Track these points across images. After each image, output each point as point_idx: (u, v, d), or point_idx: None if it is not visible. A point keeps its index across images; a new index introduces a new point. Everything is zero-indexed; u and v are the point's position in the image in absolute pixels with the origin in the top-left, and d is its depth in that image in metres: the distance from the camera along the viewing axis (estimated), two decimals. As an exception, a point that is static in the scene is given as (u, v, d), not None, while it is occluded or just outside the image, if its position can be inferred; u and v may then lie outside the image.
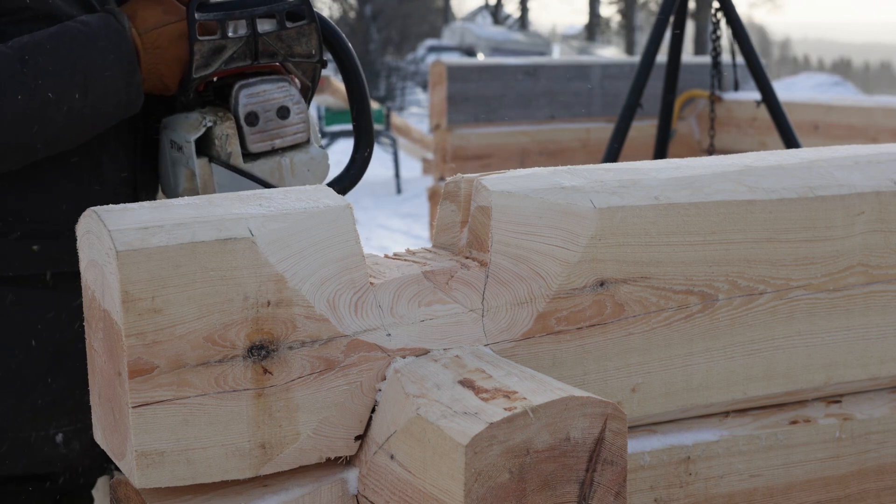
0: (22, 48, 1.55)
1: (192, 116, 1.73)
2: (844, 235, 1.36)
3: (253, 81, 1.73)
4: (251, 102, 1.73)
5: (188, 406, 1.07)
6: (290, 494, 1.13)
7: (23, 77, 1.54)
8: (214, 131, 1.71)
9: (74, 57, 1.57)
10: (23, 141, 1.56)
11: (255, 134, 1.73)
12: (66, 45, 1.57)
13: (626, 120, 4.73)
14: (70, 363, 1.68)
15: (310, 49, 1.74)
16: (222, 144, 1.70)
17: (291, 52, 1.74)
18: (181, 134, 1.72)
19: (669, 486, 1.31)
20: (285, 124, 1.75)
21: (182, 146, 1.72)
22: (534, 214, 1.21)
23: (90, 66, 1.58)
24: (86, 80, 1.58)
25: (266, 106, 1.74)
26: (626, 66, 6.47)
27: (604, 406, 1.05)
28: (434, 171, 6.31)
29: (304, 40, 1.74)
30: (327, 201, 1.15)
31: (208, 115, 1.72)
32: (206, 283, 1.06)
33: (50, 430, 1.68)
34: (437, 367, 1.13)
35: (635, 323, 1.26)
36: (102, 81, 1.59)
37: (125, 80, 1.62)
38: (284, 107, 1.75)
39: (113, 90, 1.61)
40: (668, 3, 4.74)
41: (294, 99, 1.75)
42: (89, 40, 1.59)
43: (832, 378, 1.40)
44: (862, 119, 5.48)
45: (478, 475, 0.99)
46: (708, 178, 1.32)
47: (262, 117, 1.73)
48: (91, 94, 1.59)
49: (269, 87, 1.74)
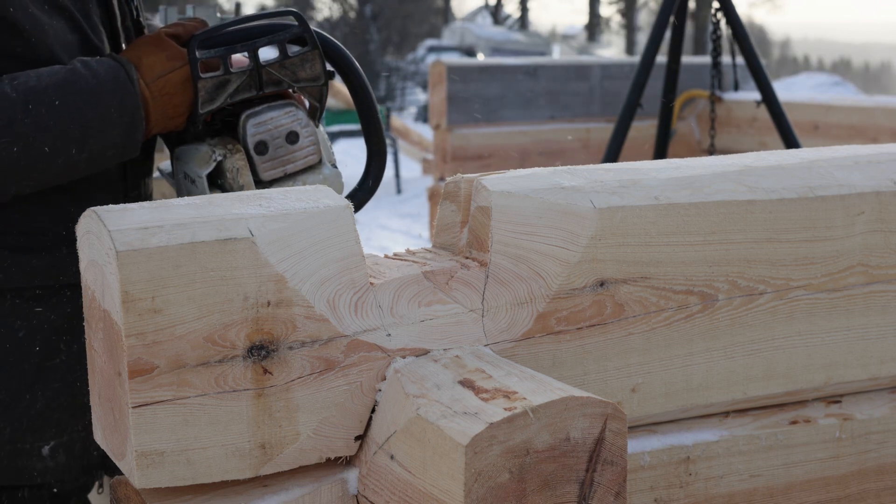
0: (27, 93, 1.54)
1: (202, 150, 1.73)
2: (844, 235, 1.36)
3: (259, 110, 1.74)
4: (259, 132, 1.73)
5: (188, 406, 1.07)
6: (290, 494, 1.13)
7: (23, 127, 1.53)
8: (225, 164, 1.72)
9: (78, 113, 1.57)
10: (8, 188, 1.56)
11: (266, 162, 1.73)
12: (72, 99, 1.57)
13: (626, 120, 4.73)
14: (54, 376, 1.67)
15: (314, 73, 1.75)
16: (234, 178, 1.71)
17: (296, 77, 1.74)
18: (193, 168, 1.73)
19: (669, 487, 1.31)
20: (295, 149, 1.75)
21: (195, 180, 1.73)
22: (534, 214, 1.21)
23: (92, 122, 1.58)
24: (85, 135, 1.57)
25: (274, 133, 1.74)
26: (626, 66, 6.47)
27: (604, 406, 1.05)
28: (434, 171, 6.31)
29: (307, 66, 1.74)
30: (327, 201, 1.15)
31: (217, 149, 1.72)
32: (206, 283, 1.06)
33: (36, 442, 1.68)
34: (437, 368, 1.13)
35: (635, 323, 1.26)
36: (102, 137, 1.59)
37: (124, 137, 1.62)
38: (293, 132, 1.75)
39: (111, 145, 1.61)
40: (668, 3, 4.74)
41: (302, 123, 1.75)
42: (95, 96, 1.59)
43: (832, 378, 1.40)
44: (862, 119, 5.48)
45: (478, 475, 0.99)
46: (708, 178, 1.32)
47: (271, 145, 1.74)
48: (89, 148, 1.59)
49: (276, 113, 1.74)
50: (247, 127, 1.73)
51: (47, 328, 1.67)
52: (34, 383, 1.67)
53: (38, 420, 1.68)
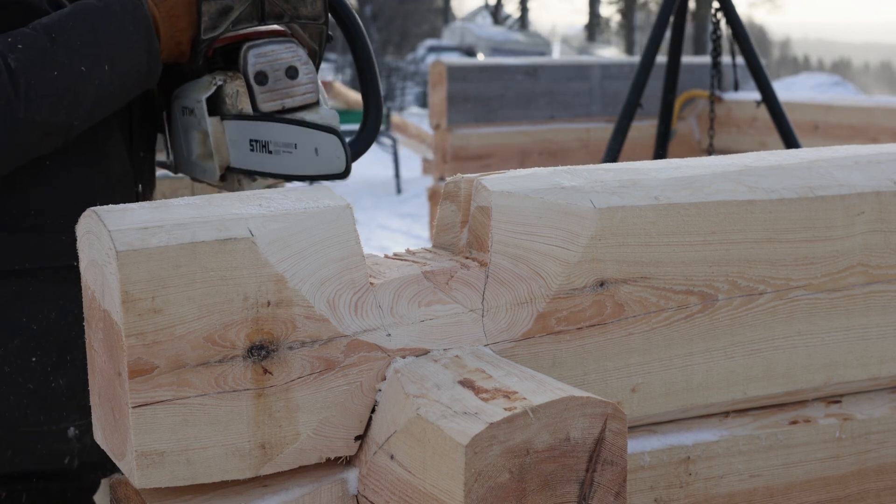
0: (46, 27, 1.58)
1: (202, 80, 1.75)
2: (844, 235, 1.36)
3: (261, 42, 1.75)
4: (260, 62, 1.75)
5: (188, 406, 1.07)
6: (290, 494, 1.13)
7: (55, 54, 1.56)
8: (225, 90, 1.74)
9: (97, 31, 1.60)
10: (60, 118, 1.58)
11: (265, 93, 1.75)
12: (88, 21, 1.60)
13: (626, 120, 4.73)
14: (79, 356, 1.68)
15: (315, 11, 1.76)
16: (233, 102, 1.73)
17: (297, 13, 1.75)
18: (192, 96, 1.75)
19: (669, 487, 1.31)
20: (294, 84, 1.77)
21: (193, 108, 1.75)
22: (534, 214, 1.21)
23: (113, 39, 1.61)
24: (111, 52, 1.61)
25: (275, 65, 1.76)
26: (626, 66, 6.46)
27: (604, 406, 1.05)
28: (434, 171, 6.31)
29: (309, 1, 1.76)
30: (327, 201, 1.15)
31: (218, 76, 1.74)
32: (206, 284, 1.06)
33: (62, 424, 1.69)
34: (437, 368, 1.13)
35: (635, 323, 1.26)
36: (126, 53, 1.62)
37: (145, 50, 1.65)
38: (293, 66, 1.76)
39: (136, 61, 1.64)
40: (668, 3, 4.74)
41: (302, 60, 1.77)
42: (108, 14, 1.62)
43: (832, 378, 1.40)
44: (862, 119, 5.48)
45: (478, 475, 0.99)
46: (708, 178, 1.32)
47: (271, 76, 1.76)
48: (117, 66, 1.62)
49: (277, 47, 1.76)
50: (248, 56, 1.75)
51: (72, 309, 1.68)
52: (59, 365, 1.67)
53: (64, 402, 1.68)
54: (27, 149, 1.58)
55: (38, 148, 1.60)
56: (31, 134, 1.56)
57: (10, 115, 1.52)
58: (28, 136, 1.56)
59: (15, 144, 1.55)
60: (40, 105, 1.54)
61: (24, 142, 1.56)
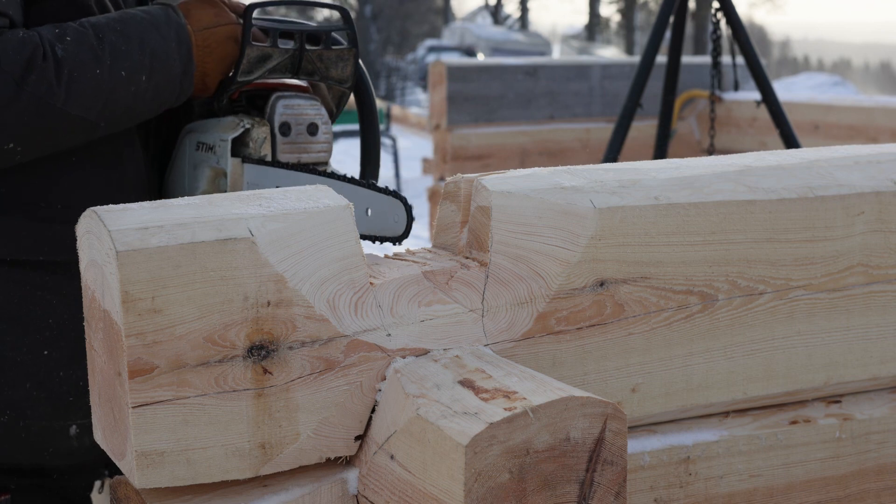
0: (95, 27, 1.60)
1: (228, 119, 1.78)
2: (844, 235, 1.36)
3: (290, 94, 1.81)
4: (286, 113, 1.80)
5: (188, 406, 1.07)
6: (289, 494, 1.13)
7: (100, 53, 1.58)
8: (251, 133, 1.78)
9: (143, 41, 1.63)
10: (92, 116, 1.60)
11: (286, 144, 1.81)
12: (135, 28, 1.63)
13: (626, 120, 4.73)
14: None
15: (344, 75, 1.82)
16: (257, 147, 1.77)
17: (328, 74, 1.81)
18: (215, 134, 1.78)
19: (669, 487, 1.31)
20: (313, 140, 1.83)
21: (215, 145, 1.78)
22: (533, 214, 1.21)
23: (156, 50, 1.64)
24: (152, 62, 1.63)
25: (299, 119, 1.81)
26: (626, 66, 6.47)
27: (604, 406, 1.05)
28: (434, 171, 6.31)
29: (341, 65, 1.81)
30: (327, 201, 1.15)
31: (245, 119, 1.78)
32: (206, 284, 1.06)
33: (66, 421, 1.69)
34: (437, 368, 1.13)
35: (635, 323, 1.26)
36: (165, 67, 1.65)
37: (183, 69, 1.68)
38: (314, 123, 1.82)
39: (172, 76, 1.66)
40: (668, 3, 4.74)
41: (323, 118, 1.83)
42: (154, 26, 1.65)
43: (832, 378, 1.40)
44: (862, 119, 5.48)
45: (478, 475, 0.99)
46: (708, 178, 1.32)
47: (293, 129, 1.81)
48: (155, 78, 1.64)
49: (304, 102, 1.82)
50: (276, 106, 1.79)
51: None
52: (70, 361, 1.68)
53: (72, 399, 1.68)
54: (55, 139, 1.60)
55: (63, 141, 1.62)
56: (63, 125, 1.58)
57: (50, 102, 1.55)
58: (60, 126, 1.58)
59: (47, 131, 1.58)
60: (78, 99, 1.57)
61: (55, 131, 1.58)
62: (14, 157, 1.58)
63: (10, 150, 1.56)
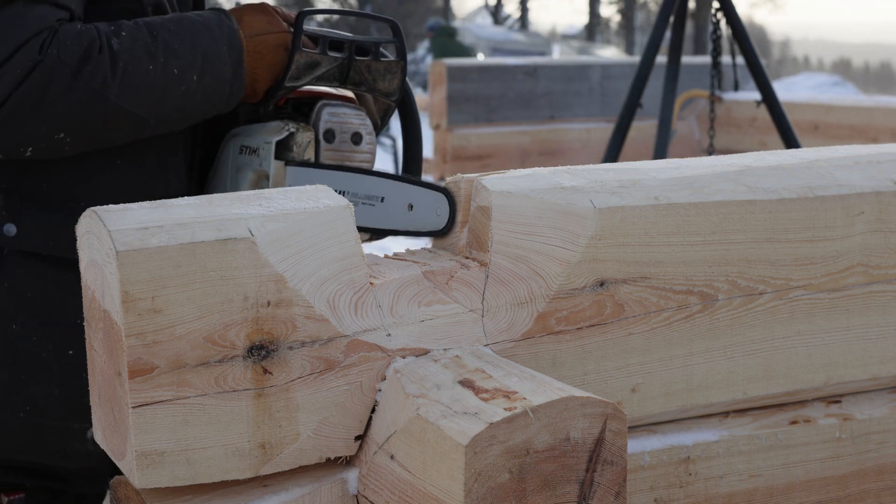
0: (149, 25, 1.62)
1: (272, 124, 1.79)
2: (844, 235, 1.36)
3: (335, 103, 1.82)
4: (331, 120, 1.81)
5: (188, 406, 1.07)
6: (289, 494, 1.13)
7: (154, 49, 1.59)
8: (295, 137, 1.78)
9: (195, 42, 1.64)
10: (141, 112, 1.60)
11: (329, 151, 1.82)
12: (188, 29, 1.64)
13: (626, 120, 4.73)
14: None
15: (392, 87, 1.83)
16: (300, 151, 1.79)
17: (374, 85, 1.82)
18: (260, 137, 1.79)
19: (669, 487, 1.31)
20: (356, 150, 1.84)
21: (259, 147, 1.79)
22: (533, 214, 1.21)
23: (208, 52, 1.65)
24: (203, 64, 1.64)
25: (343, 128, 1.82)
26: (626, 66, 6.47)
27: (604, 406, 1.05)
28: (434, 171, 6.31)
29: (388, 77, 1.82)
30: (327, 201, 1.15)
31: (290, 123, 1.79)
32: (206, 284, 1.06)
33: (84, 423, 1.69)
34: (437, 368, 1.13)
35: (635, 323, 1.26)
36: (216, 69, 1.66)
37: (233, 72, 1.68)
38: (358, 133, 1.83)
39: (222, 79, 1.67)
40: (668, 3, 4.74)
41: (367, 129, 1.84)
42: (207, 29, 1.66)
43: (832, 378, 1.40)
44: (862, 119, 5.48)
45: (478, 475, 0.99)
46: (708, 178, 1.32)
47: (337, 137, 1.82)
48: (206, 79, 1.65)
49: (349, 111, 1.82)
50: (322, 113, 1.80)
51: None
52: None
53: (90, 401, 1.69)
54: (105, 133, 1.61)
55: (113, 135, 1.62)
56: (115, 118, 1.59)
57: (105, 94, 1.56)
58: (111, 119, 1.59)
59: (98, 124, 1.58)
60: (130, 93, 1.57)
61: (106, 124, 1.59)
62: (63, 147, 1.59)
63: (59, 140, 1.57)
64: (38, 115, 1.53)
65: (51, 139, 1.56)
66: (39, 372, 1.66)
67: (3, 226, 1.65)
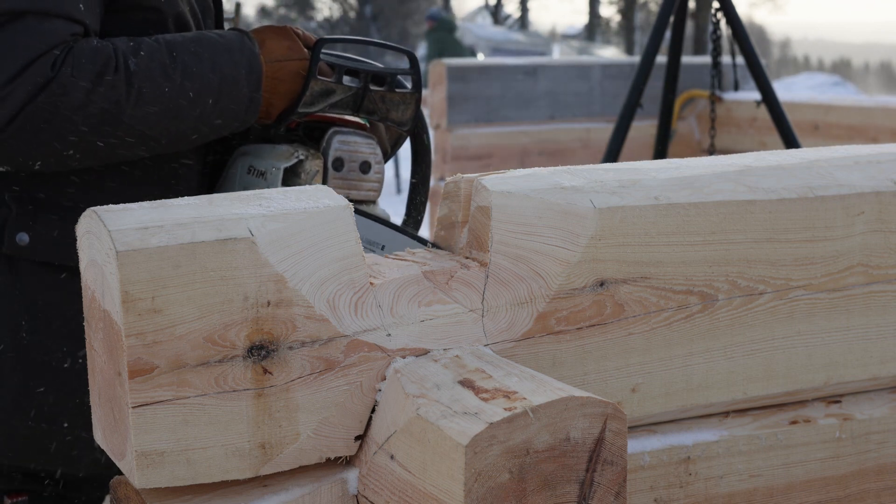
0: (169, 44, 1.60)
1: (282, 148, 1.79)
2: (844, 235, 1.37)
3: (347, 130, 1.82)
4: (341, 148, 1.81)
5: (188, 406, 1.07)
6: (289, 494, 1.13)
7: (171, 71, 1.58)
8: (304, 165, 1.78)
9: (214, 65, 1.62)
10: (154, 133, 1.59)
11: (337, 179, 1.82)
12: (209, 50, 1.63)
13: (626, 120, 4.73)
14: None
15: (405, 118, 1.83)
16: (308, 179, 1.79)
17: (388, 115, 1.82)
18: (269, 161, 1.79)
19: (669, 487, 1.31)
20: (364, 179, 1.85)
21: (267, 171, 1.78)
22: (533, 214, 1.21)
23: (226, 75, 1.63)
24: (220, 85, 1.63)
25: (353, 156, 1.82)
26: (626, 66, 6.46)
27: (604, 406, 1.05)
28: (434, 171, 6.31)
29: (403, 108, 1.83)
30: (327, 201, 1.15)
31: (300, 150, 1.79)
32: (206, 284, 1.06)
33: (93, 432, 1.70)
34: (437, 368, 1.13)
35: (635, 323, 1.26)
36: (233, 93, 1.64)
37: (250, 97, 1.67)
38: (367, 162, 1.83)
39: (238, 102, 1.66)
40: (668, 3, 4.74)
41: (377, 158, 1.84)
42: (228, 51, 1.64)
43: (832, 378, 1.40)
44: (862, 119, 5.48)
45: (478, 475, 0.99)
46: (708, 178, 1.32)
47: (346, 165, 1.82)
48: (222, 102, 1.63)
49: (360, 140, 1.83)
50: (332, 141, 1.80)
51: None
52: None
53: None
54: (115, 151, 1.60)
55: (122, 154, 1.61)
56: (125, 139, 1.57)
57: (118, 115, 1.54)
58: (123, 139, 1.57)
59: (108, 143, 1.57)
60: (144, 114, 1.56)
61: (117, 144, 1.58)
62: (71, 163, 1.58)
63: (69, 156, 1.56)
64: (48, 132, 1.52)
65: (60, 155, 1.55)
66: (50, 380, 1.66)
67: (16, 235, 1.65)
